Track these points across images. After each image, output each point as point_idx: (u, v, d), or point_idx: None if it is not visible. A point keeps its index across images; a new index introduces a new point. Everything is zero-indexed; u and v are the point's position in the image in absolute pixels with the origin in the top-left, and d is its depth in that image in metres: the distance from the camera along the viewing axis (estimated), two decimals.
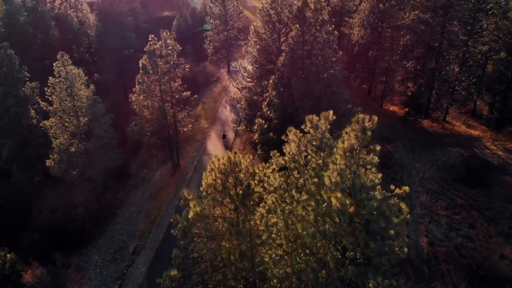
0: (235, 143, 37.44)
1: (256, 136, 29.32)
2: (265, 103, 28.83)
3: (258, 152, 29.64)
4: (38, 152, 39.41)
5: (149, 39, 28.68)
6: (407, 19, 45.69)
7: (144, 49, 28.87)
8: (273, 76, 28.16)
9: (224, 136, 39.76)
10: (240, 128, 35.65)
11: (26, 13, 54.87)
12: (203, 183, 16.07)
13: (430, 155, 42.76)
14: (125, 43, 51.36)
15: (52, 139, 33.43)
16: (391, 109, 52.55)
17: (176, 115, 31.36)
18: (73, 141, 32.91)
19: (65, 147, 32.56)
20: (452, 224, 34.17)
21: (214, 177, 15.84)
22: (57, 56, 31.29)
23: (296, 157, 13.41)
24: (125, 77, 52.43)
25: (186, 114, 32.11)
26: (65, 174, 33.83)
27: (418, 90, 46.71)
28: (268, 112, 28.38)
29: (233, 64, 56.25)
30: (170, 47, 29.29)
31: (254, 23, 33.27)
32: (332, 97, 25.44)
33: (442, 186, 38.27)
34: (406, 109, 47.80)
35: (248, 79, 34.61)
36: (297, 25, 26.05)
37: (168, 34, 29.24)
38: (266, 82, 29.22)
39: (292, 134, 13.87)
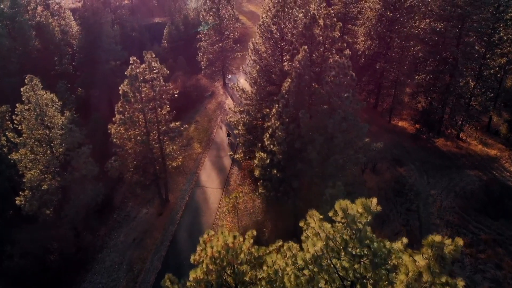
0: (232, 172, 33.17)
1: (256, 171, 25.22)
2: (267, 134, 24.74)
3: (260, 191, 25.52)
4: (12, 184, 35.00)
5: (131, 61, 24.46)
6: (417, 28, 41.92)
7: (125, 73, 24.66)
8: (276, 105, 24.09)
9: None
10: (237, 156, 31.49)
11: (1, 23, 50.36)
12: (190, 276, 11.96)
13: (446, 179, 39.11)
14: (111, 55, 46.97)
15: (24, 173, 29.19)
16: (399, 124, 48.81)
17: (163, 148, 27.09)
18: (46, 176, 28.63)
19: (36, 183, 28.32)
20: (477, 265, 30.57)
21: (205, 269, 11.77)
22: (25, 79, 26.99)
23: (323, 263, 9.36)
24: (111, 91, 48.17)
25: (175, 147, 27.84)
26: (38, 213, 29.63)
27: (430, 105, 43.04)
28: (271, 146, 24.30)
29: (229, 77, 52.13)
30: (156, 71, 25.10)
31: (253, 39, 29.14)
32: (347, 131, 21.44)
33: (462, 218, 34.66)
34: (417, 126, 44.14)
35: (247, 101, 30.50)
36: (305, 47, 21.99)
37: (153, 56, 24.99)
38: (267, 110, 25.16)
39: (316, 224, 9.79)
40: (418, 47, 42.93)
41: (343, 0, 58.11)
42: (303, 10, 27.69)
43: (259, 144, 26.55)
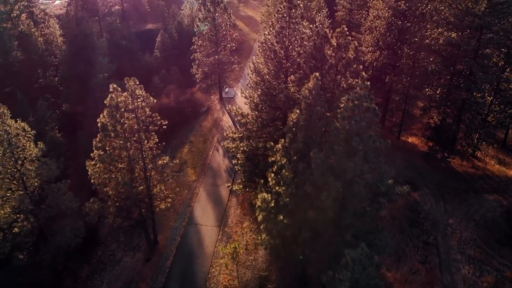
0: (230, 205, 29.53)
1: (259, 216, 21.70)
2: (272, 173, 21.22)
3: (263, 237, 21.95)
4: None
5: (110, 89, 20.84)
6: (429, 38, 38.63)
7: (104, 102, 21.07)
8: (283, 140, 20.59)
9: None
10: (236, 187, 27.95)
11: None
12: None
13: (465, 205, 35.95)
14: (97, 69, 43.23)
15: None
16: (410, 141, 45.57)
17: (150, 187, 23.42)
18: (18, 216, 25.00)
19: (7, 225, 24.69)
20: None
21: None
22: None
23: None
24: (98, 107, 44.37)
25: (163, 187, 24.17)
26: (11, 256, 25.99)
27: (443, 121, 39.80)
28: (277, 187, 20.80)
29: (226, 90, 48.65)
30: (140, 99, 21.53)
31: (253, 57, 25.62)
32: (368, 173, 18.02)
33: (485, 252, 31.61)
34: (430, 144, 40.93)
35: (247, 126, 26.97)
36: (317, 74, 18.53)
37: (137, 83, 21.38)
38: (272, 143, 21.65)
39: None
40: (431, 59, 39.70)
41: (347, 6, 55.02)
42: (311, 26, 24.21)
43: (262, 181, 23.04)
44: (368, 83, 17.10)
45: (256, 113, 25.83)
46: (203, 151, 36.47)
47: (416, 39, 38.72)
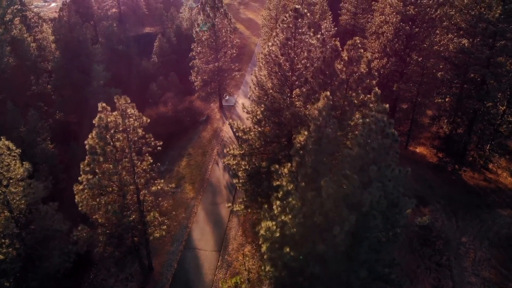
0: (230, 227, 27.60)
1: (263, 247, 19.83)
2: (277, 200, 19.36)
3: (267, 269, 20.10)
4: None
5: (99, 108, 18.97)
6: (439, 45, 36.82)
7: (93, 122, 19.22)
8: (289, 164, 18.75)
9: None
10: (237, 207, 26.10)
11: None
12: None
13: (477, 222, 34.22)
14: (92, 77, 41.31)
15: None
16: (418, 151, 43.72)
17: (143, 213, 21.53)
18: (3, 241, 23.14)
19: None
20: None
21: None
22: None
23: None
24: (93, 116, 42.44)
25: (157, 214, 22.26)
26: None
27: (453, 131, 38.01)
28: (283, 216, 18.94)
29: (226, 98, 46.77)
30: (133, 118, 19.67)
31: (256, 69, 23.76)
32: (388, 208, 16.17)
33: (501, 274, 29.91)
34: (440, 155, 39.19)
35: (249, 143, 25.13)
36: (328, 93, 16.68)
37: (128, 101, 19.53)
38: (276, 166, 19.81)
39: None
40: (440, 66, 37.93)
41: (351, 10, 53.16)
42: (318, 36, 22.37)
43: (266, 206, 21.17)
44: (387, 105, 15.23)
45: (259, 129, 23.96)
46: (202, 165, 34.56)
47: (425, 45, 37.00)
